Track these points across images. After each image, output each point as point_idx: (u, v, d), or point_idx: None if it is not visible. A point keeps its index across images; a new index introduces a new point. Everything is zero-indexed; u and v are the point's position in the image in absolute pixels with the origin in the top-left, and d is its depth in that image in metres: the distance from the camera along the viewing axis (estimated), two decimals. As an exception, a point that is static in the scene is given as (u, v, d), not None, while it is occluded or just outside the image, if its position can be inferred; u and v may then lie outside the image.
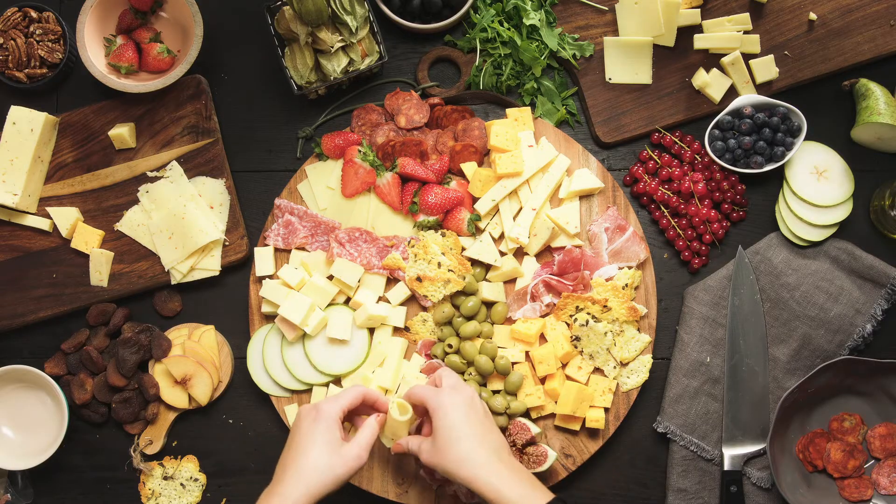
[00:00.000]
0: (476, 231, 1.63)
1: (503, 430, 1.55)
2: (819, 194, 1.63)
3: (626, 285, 1.60)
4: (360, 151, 1.62)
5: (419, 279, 1.59)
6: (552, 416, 1.59)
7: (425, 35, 1.71)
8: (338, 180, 1.64)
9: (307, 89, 1.63)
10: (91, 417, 1.64)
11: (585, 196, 1.65)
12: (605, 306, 1.59)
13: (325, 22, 1.57)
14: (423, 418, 1.46)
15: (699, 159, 1.65)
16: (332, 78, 1.62)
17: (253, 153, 1.71)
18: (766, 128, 1.62)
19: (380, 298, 1.63)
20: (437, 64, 1.72)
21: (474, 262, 1.63)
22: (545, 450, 1.52)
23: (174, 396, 1.62)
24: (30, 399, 1.64)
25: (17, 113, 1.63)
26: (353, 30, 1.59)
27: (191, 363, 1.60)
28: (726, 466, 1.59)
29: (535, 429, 1.53)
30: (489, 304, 1.62)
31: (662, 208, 1.66)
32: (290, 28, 1.58)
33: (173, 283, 1.65)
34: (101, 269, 1.64)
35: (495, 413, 1.54)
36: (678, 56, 1.68)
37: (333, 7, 1.55)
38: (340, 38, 1.60)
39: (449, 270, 1.59)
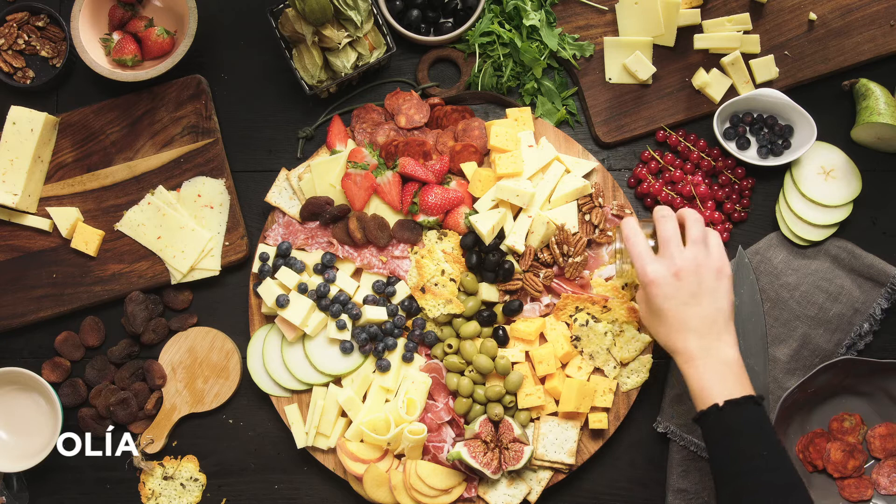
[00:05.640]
0: (476, 231, 1.63)
1: (496, 423, 1.55)
2: (826, 194, 1.63)
3: (626, 285, 1.60)
4: (365, 153, 1.62)
5: (423, 290, 1.59)
6: (553, 415, 1.59)
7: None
8: (338, 179, 1.63)
9: (318, 88, 1.63)
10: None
11: (585, 196, 1.65)
12: (604, 306, 1.59)
13: (329, 19, 1.56)
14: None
15: (704, 157, 1.65)
16: (342, 74, 1.62)
17: (253, 153, 1.71)
18: (773, 125, 1.64)
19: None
20: (437, 64, 1.72)
21: (474, 262, 1.63)
22: (521, 447, 1.53)
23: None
24: (24, 401, 1.63)
25: (17, 113, 1.63)
26: (359, 24, 1.58)
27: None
28: (726, 466, 1.59)
29: (517, 430, 1.54)
30: (489, 304, 1.62)
31: (667, 210, 1.66)
32: (295, 29, 1.58)
33: (173, 282, 1.65)
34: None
35: (507, 409, 1.54)
36: (678, 56, 1.68)
37: (336, 3, 1.55)
38: (346, 33, 1.59)
39: (451, 280, 1.58)
